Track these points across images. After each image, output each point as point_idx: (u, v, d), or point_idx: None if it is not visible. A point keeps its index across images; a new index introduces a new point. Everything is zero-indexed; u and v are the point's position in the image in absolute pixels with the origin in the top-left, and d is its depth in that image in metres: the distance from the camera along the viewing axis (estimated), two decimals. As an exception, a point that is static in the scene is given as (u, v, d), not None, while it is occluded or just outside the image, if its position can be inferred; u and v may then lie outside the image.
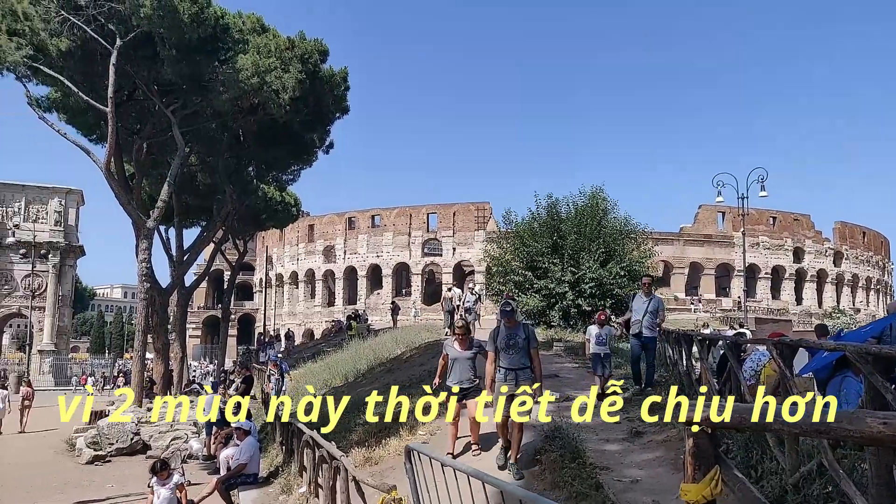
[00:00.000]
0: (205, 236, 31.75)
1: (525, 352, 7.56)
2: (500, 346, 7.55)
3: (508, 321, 7.66)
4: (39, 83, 25.96)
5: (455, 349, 8.42)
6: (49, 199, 54.80)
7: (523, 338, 7.58)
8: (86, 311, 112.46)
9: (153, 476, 7.73)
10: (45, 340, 53.35)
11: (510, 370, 7.47)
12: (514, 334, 7.57)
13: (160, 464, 7.74)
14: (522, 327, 7.74)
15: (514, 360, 7.50)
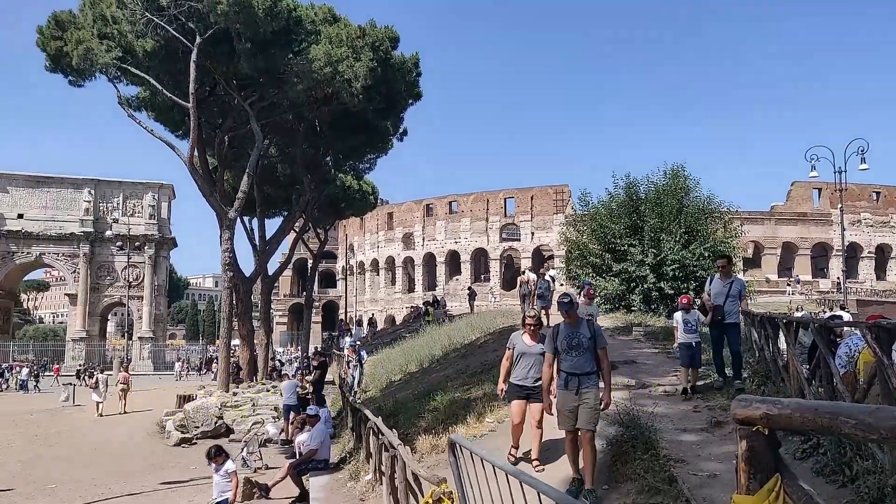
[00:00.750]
0: (286, 226, 32.53)
1: (590, 353, 6.53)
2: (561, 346, 6.54)
3: (568, 316, 6.67)
4: (128, 83, 27.14)
5: (524, 342, 7.51)
6: (143, 194, 57.62)
7: (588, 336, 6.55)
8: (180, 300, 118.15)
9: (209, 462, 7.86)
10: (144, 328, 56.33)
11: (572, 375, 6.48)
12: (576, 333, 6.57)
13: (214, 450, 7.86)
14: (586, 324, 6.70)
15: (578, 364, 6.49)
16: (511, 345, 7.60)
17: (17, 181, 55.67)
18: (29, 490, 11.69)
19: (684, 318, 9.98)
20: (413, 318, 43.07)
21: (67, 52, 24.59)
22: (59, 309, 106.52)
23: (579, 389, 6.40)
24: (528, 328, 7.54)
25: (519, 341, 7.55)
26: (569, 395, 6.42)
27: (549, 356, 6.71)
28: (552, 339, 6.69)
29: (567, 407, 6.40)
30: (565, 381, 6.48)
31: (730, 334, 9.89)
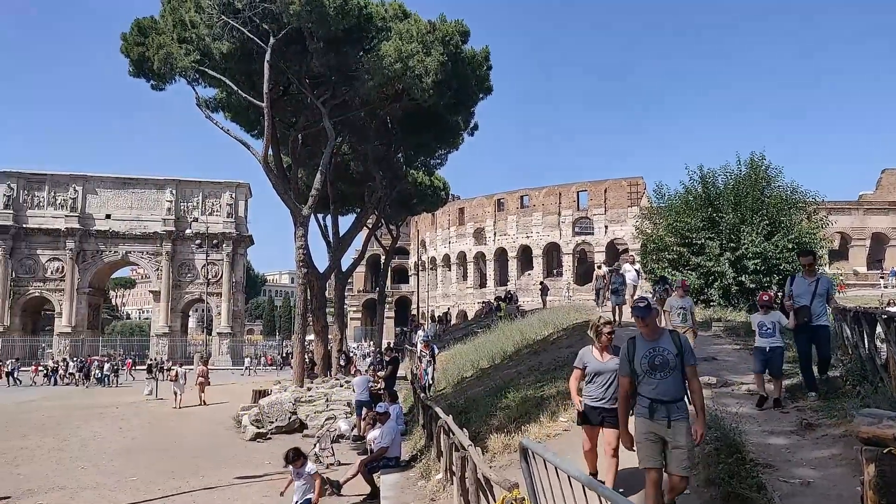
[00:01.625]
0: (358, 222, 32.84)
1: (678, 374, 5.17)
2: (641, 367, 5.16)
3: (644, 326, 5.30)
4: (206, 85, 27.91)
5: (596, 359, 6.31)
6: (221, 193, 59.45)
7: (674, 353, 5.16)
8: (258, 296, 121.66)
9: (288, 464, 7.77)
10: (223, 324, 58.17)
11: (659, 403, 5.11)
12: (658, 349, 5.19)
13: (293, 453, 7.74)
14: (669, 337, 5.28)
15: (664, 388, 5.12)
16: (581, 363, 6.43)
17: (105, 183, 58.40)
18: (112, 482, 12.06)
19: (760, 320, 8.78)
20: (485, 313, 42.81)
21: (149, 56, 25.47)
22: (144, 305, 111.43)
23: (670, 421, 5.07)
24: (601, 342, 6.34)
25: (591, 359, 6.37)
26: (655, 426, 5.14)
27: (625, 382, 5.33)
28: (627, 359, 5.32)
29: (652, 440, 5.13)
30: (650, 409, 5.14)
31: (819, 338, 8.79)
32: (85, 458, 14.87)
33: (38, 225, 56.04)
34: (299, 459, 7.64)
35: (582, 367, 6.41)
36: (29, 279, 56.24)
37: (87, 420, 21.63)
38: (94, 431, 19.07)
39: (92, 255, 57.30)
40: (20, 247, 55.85)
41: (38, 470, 13.36)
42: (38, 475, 12.80)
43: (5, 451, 15.68)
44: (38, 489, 11.53)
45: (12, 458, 14.89)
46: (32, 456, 15.13)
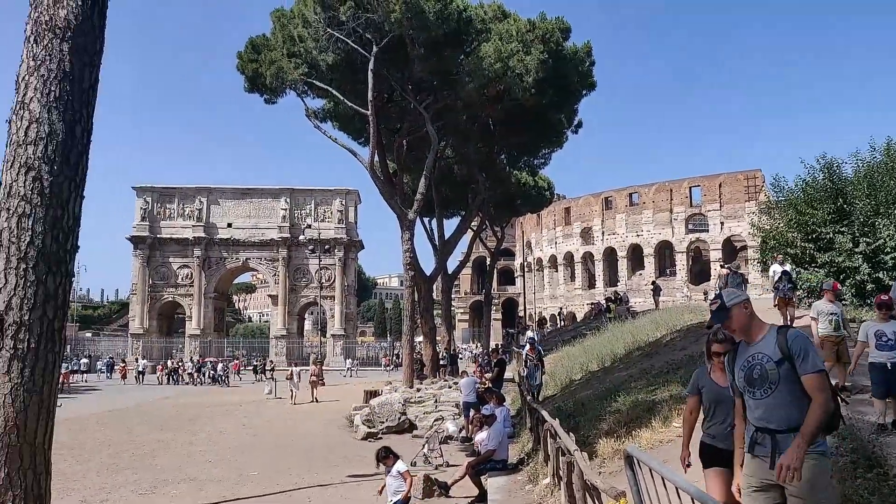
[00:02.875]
0: (463, 224, 33.07)
1: (786, 389, 3.64)
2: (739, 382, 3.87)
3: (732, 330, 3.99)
4: (314, 97, 29.03)
5: (715, 383, 4.89)
6: (332, 200, 61.57)
7: (774, 358, 3.67)
8: (369, 299, 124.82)
9: (379, 464, 7.87)
10: (336, 326, 60.19)
11: (762, 432, 3.70)
12: (756, 356, 3.77)
13: (383, 451, 7.83)
14: (776, 336, 3.74)
15: (765, 411, 3.70)
16: (696, 387, 5.02)
17: (226, 194, 61.90)
18: (235, 476, 12.73)
19: (878, 328, 7.08)
20: (594, 314, 41.96)
21: (262, 72, 26.77)
22: (264, 309, 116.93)
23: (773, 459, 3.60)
24: (718, 360, 4.86)
25: (707, 382, 4.95)
26: (757, 465, 3.70)
27: (738, 402, 4.02)
28: (729, 371, 4.08)
29: (756, 488, 3.70)
30: (751, 440, 3.77)
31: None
32: (212, 452, 15.78)
33: (169, 235, 60.18)
34: (389, 458, 7.73)
35: (697, 394, 5.00)
36: (163, 285, 60.50)
37: (214, 417, 22.96)
38: (220, 428, 20.22)
39: (216, 261, 60.90)
40: (155, 255, 60.17)
41: (171, 462, 14.32)
42: (172, 467, 13.71)
43: (144, 444, 16.93)
44: (172, 480, 12.35)
45: (150, 450, 16.05)
46: (167, 449, 16.23)
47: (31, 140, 6.61)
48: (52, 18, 6.66)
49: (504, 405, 13.50)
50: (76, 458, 14.35)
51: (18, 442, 6.29)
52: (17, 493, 6.25)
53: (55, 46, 6.66)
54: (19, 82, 6.72)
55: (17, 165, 6.57)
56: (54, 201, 6.64)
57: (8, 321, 6.35)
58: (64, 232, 6.75)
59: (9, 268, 6.47)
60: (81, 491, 11.25)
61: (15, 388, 6.32)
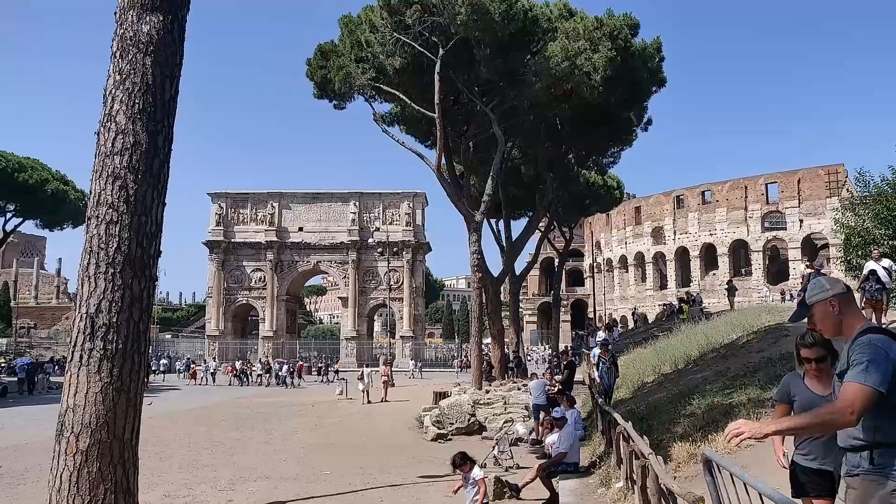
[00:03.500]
0: (531, 226, 32.88)
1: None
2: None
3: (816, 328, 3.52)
4: (381, 101, 29.41)
5: (808, 390, 4.24)
6: (400, 203, 62.27)
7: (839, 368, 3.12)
8: (436, 300, 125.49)
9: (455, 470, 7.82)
10: (405, 327, 60.81)
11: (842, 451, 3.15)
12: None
13: (459, 458, 7.77)
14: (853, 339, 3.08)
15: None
16: (787, 394, 4.36)
17: (297, 198, 63.44)
18: (309, 474, 13.02)
19: None
20: (666, 315, 40.99)
21: (330, 78, 27.30)
22: (334, 311, 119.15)
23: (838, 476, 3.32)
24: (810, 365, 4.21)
25: (801, 390, 4.28)
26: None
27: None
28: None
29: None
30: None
31: None
32: (286, 451, 16.19)
33: (243, 239, 62.13)
34: (466, 464, 7.66)
35: (787, 402, 4.34)
36: (237, 288, 62.50)
37: (287, 417, 23.56)
38: (294, 427, 20.72)
39: (288, 265, 62.49)
40: (230, 259, 62.24)
41: (249, 460, 14.76)
42: (249, 464, 14.13)
43: (223, 442, 17.52)
44: (249, 477, 12.72)
45: (229, 447, 16.60)
46: (245, 447, 16.74)
47: (117, 150, 6.94)
48: (137, 34, 6.97)
49: (574, 408, 13.36)
50: (159, 455, 14.95)
51: (108, 438, 6.60)
52: (108, 486, 6.56)
53: (139, 60, 6.97)
54: (106, 96, 7.06)
55: (105, 175, 6.91)
56: (139, 208, 6.95)
57: (98, 323, 6.68)
58: (148, 237, 7.05)
59: (98, 272, 6.81)
60: (164, 486, 11.71)
61: (105, 386, 6.64)
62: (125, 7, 7.06)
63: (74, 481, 6.45)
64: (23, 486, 12.09)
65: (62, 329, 78.08)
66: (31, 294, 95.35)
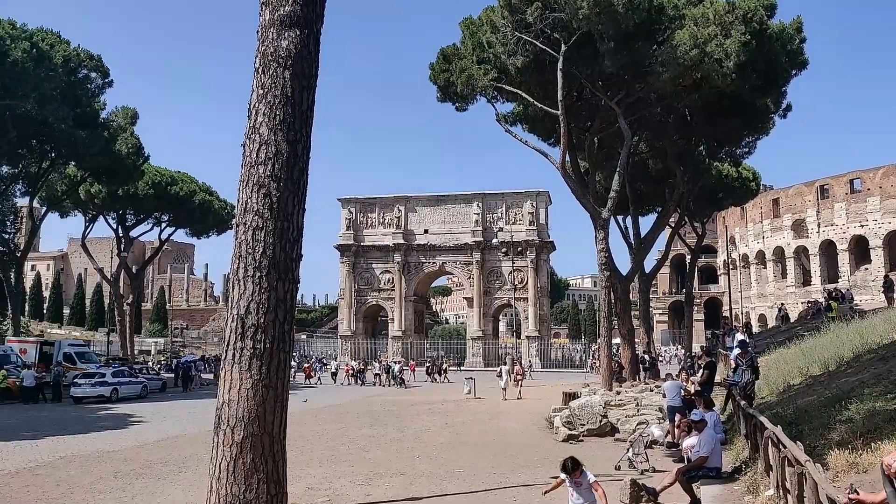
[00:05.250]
0: (660, 222, 31.76)
1: None
2: None
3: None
4: (503, 101, 29.45)
5: None
6: (523, 202, 62.12)
7: None
8: (562, 300, 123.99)
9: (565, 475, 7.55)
10: (530, 327, 60.54)
11: None
12: None
13: (571, 462, 7.50)
14: None
15: None
16: None
17: (422, 202, 64.85)
18: (442, 472, 13.23)
19: None
20: (811, 314, 38.24)
21: (453, 81, 27.67)
22: (460, 311, 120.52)
23: None
24: None
25: None
26: None
27: None
28: None
29: None
30: None
31: None
32: (418, 448, 16.54)
33: (371, 242, 64.30)
34: (577, 470, 7.39)
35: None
36: (367, 290, 64.77)
37: (418, 415, 24.09)
38: (425, 425, 21.16)
39: (414, 266, 64.00)
40: (359, 262, 64.60)
41: (383, 456, 15.22)
42: (384, 461, 14.57)
43: (358, 439, 18.18)
44: (385, 473, 13.11)
45: (363, 444, 17.20)
46: (378, 444, 17.29)
47: (261, 160, 7.37)
48: (276, 49, 7.38)
49: (713, 410, 12.74)
50: (300, 450, 15.70)
51: (260, 431, 7.03)
52: (261, 476, 6.98)
53: (279, 74, 7.37)
54: (251, 109, 7.52)
55: (251, 184, 7.36)
56: (281, 214, 7.36)
57: (248, 323, 7.13)
58: (290, 242, 7.44)
59: (246, 276, 7.26)
60: (307, 479, 12.28)
61: (255, 383, 7.08)
62: (266, 25, 7.49)
63: (231, 470, 6.92)
64: (184, 474, 13.12)
65: (210, 329, 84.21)
66: (182, 297, 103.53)
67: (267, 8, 7.52)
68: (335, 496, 11.12)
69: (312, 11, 7.61)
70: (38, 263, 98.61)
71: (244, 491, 6.90)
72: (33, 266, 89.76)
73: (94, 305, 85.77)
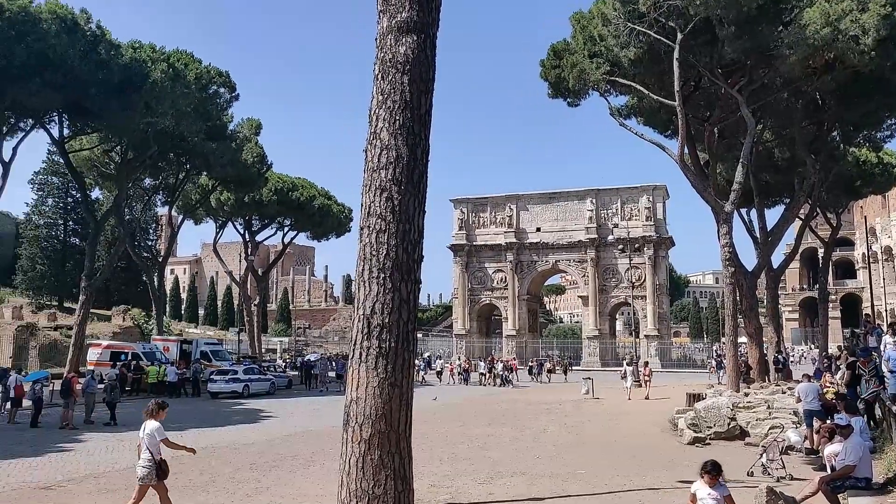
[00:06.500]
0: (788, 214, 29.94)
1: None
2: None
3: None
4: (616, 94, 28.80)
5: None
6: (638, 197, 60.40)
7: None
8: (681, 298, 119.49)
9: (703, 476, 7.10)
10: (649, 326, 58.74)
11: None
12: None
13: (711, 465, 7.08)
14: None
15: None
16: None
17: (533, 200, 64.45)
18: (564, 473, 13.06)
19: None
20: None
21: (564, 77, 27.35)
22: (574, 309, 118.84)
23: None
24: None
25: None
26: None
27: None
28: None
29: None
30: None
31: None
32: (538, 448, 16.43)
33: (483, 242, 64.59)
34: (718, 475, 6.97)
35: None
36: (480, 289, 65.14)
37: (535, 415, 23.93)
38: (543, 425, 20.99)
39: (527, 265, 63.71)
40: (472, 261, 65.06)
41: (502, 456, 15.23)
42: (503, 460, 14.57)
43: (478, 437, 18.30)
44: (505, 472, 13.11)
45: (483, 443, 17.29)
46: (497, 443, 17.32)
47: (382, 165, 7.57)
48: (395, 56, 7.55)
49: (858, 415, 11.82)
50: (421, 448, 15.88)
51: (387, 429, 7.22)
52: (388, 472, 7.17)
53: (397, 80, 7.55)
54: (371, 115, 7.74)
55: (374, 188, 7.57)
56: (403, 217, 7.53)
57: (373, 323, 7.34)
58: (412, 244, 7.60)
59: (371, 277, 7.48)
60: (429, 476, 12.48)
61: (381, 381, 7.28)
62: (384, 32, 7.69)
63: (360, 466, 7.16)
64: (312, 468, 13.70)
65: (330, 329, 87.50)
66: (304, 298, 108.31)
67: (384, 16, 7.71)
68: (457, 494, 11.23)
69: (428, 16, 7.73)
70: (175, 267, 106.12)
71: (373, 486, 7.12)
72: (172, 270, 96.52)
73: (225, 306, 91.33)
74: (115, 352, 35.30)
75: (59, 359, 37.55)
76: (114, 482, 12.24)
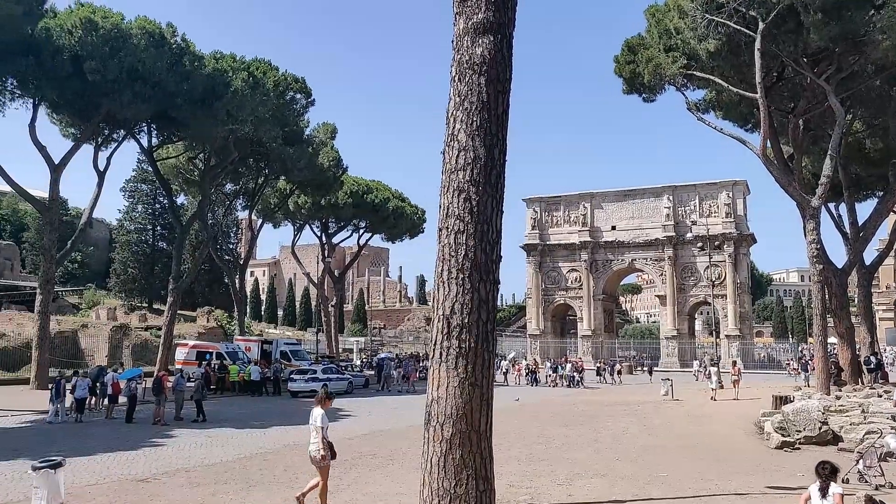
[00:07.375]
0: (882, 207, 28.47)
1: None
2: None
3: None
4: (694, 88, 28.08)
5: None
6: (717, 193, 58.54)
7: None
8: (764, 296, 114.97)
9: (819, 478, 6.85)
10: (730, 326, 56.86)
11: None
12: None
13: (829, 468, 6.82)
14: None
15: None
16: None
17: (608, 198, 63.39)
18: (644, 475, 12.80)
19: None
20: None
21: (639, 72, 26.84)
22: (651, 309, 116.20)
23: None
24: None
25: None
26: None
27: None
28: None
29: None
30: None
31: None
32: (617, 450, 16.15)
33: (557, 241, 63.99)
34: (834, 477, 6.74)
35: None
36: (554, 289, 64.55)
37: (613, 416, 23.54)
38: (622, 427, 20.63)
39: (602, 264, 62.72)
40: (545, 261, 64.56)
41: (581, 457, 15.05)
42: (582, 461, 14.40)
43: (555, 438, 18.16)
44: (584, 474, 12.95)
45: (561, 443, 17.15)
46: (576, 444, 17.14)
47: (460, 166, 7.62)
48: (471, 57, 7.59)
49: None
50: (498, 448, 15.86)
51: (467, 429, 7.26)
52: (469, 472, 7.22)
53: (474, 81, 7.58)
54: (449, 117, 7.80)
55: (452, 189, 7.63)
56: (481, 218, 7.55)
57: (453, 324, 7.40)
58: (490, 244, 7.62)
59: (450, 278, 7.54)
60: (507, 476, 12.44)
61: (462, 381, 7.33)
62: (460, 34, 7.73)
63: (442, 465, 7.23)
64: (391, 466, 13.90)
65: (405, 329, 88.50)
66: (379, 298, 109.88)
67: (461, 17, 7.76)
68: (536, 494, 11.18)
69: (504, 16, 7.74)
70: (255, 270, 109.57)
71: (454, 485, 7.17)
72: (252, 272, 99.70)
73: (303, 307, 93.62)
74: (200, 351, 36.83)
75: (150, 357, 39.45)
76: (203, 476, 12.77)
